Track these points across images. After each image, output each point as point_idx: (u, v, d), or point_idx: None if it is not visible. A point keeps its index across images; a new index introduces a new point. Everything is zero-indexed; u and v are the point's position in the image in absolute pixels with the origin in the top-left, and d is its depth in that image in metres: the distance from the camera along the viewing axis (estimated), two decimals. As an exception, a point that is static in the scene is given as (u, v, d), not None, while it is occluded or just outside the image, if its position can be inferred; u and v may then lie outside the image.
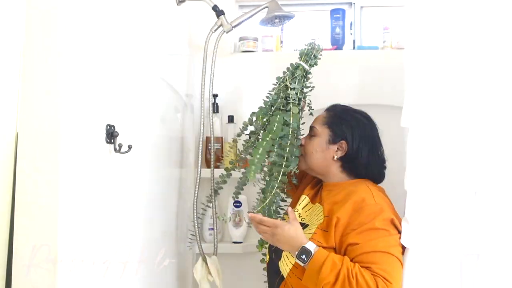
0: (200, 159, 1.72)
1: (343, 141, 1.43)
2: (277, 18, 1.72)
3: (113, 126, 1.12)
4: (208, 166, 1.88)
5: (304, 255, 1.24)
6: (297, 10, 2.04)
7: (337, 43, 2.00)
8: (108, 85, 1.13)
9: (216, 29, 1.73)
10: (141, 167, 1.34)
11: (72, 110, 0.95)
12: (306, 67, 1.52)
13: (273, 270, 1.45)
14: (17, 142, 0.92)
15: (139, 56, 1.32)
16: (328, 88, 1.93)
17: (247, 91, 1.99)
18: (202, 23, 1.90)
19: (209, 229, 1.92)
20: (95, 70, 1.05)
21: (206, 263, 1.69)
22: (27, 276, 0.90)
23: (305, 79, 1.53)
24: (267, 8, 1.72)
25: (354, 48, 2.06)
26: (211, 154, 1.77)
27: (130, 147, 1.16)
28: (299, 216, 1.45)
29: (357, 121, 1.46)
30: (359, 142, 1.42)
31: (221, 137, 1.95)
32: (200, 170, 1.71)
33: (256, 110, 1.56)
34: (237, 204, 1.94)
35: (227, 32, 1.74)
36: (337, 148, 1.43)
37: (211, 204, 1.77)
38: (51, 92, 0.92)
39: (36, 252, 0.90)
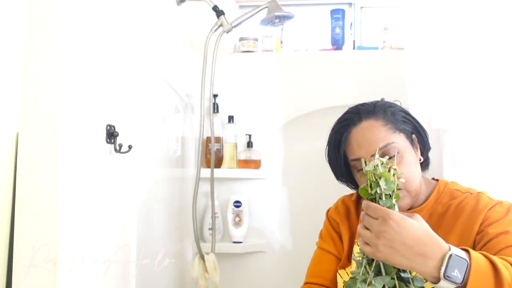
0: (200, 159, 1.73)
1: (413, 135, 1.13)
2: (277, 18, 1.72)
3: (113, 126, 1.12)
4: (208, 166, 1.88)
5: (457, 269, 0.79)
6: (297, 10, 2.04)
7: (337, 43, 2.00)
8: (108, 85, 1.13)
9: (216, 29, 1.73)
10: (141, 167, 1.34)
11: (72, 110, 0.95)
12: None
13: None
14: (17, 142, 0.92)
15: (139, 56, 1.32)
16: (328, 88, 1.93)
17: (247, 91, 1.99)
18: (202, 23, 1.90)
19: (209, 229, 1.92)
20: (95, 70, 1.05)
21: (204, 261, 1.69)
22: (27, 276, 0.90)
23: None
24: (267, 8, 1.72)
25: (354, 48, 2.06)
26: (211, 154, 1.78)
27: (130, 147, 1.16)
28: None
29: (398, 105, 1.16)
30: (420, 124, 1.15)
31: (221, 137, 1.95)
32: (200, 170, 1.71)
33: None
34: (237, 204, 1.94)
35: (227, 32, 1.74)
36: (416, 147, 1.13)
37: (211, 204, 1.77)
38: (51, 92, 0.92)
39: (36, 252, 0.90)
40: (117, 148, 1.12)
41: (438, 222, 1.08)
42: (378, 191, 0.88)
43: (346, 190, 1.31)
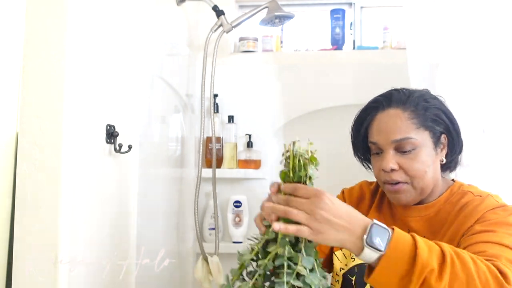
0: (200, 159, 1.73)
1: (443, 135, 1.09)
2: (277, 18, 1.72)
3: (113, 126, 1.12)
4: (209, 166, 1.88)
5: (379, 237, 0.80)
6: (297, 10, 2.04)
7: (337, 43, 2.00)
8: (108, 85, 1.13)
9: (216, 29, 1.73)
10: (141, 167, 1.34)
11: (72, 110, 0.95)
12: None
13: None
14: (17, 142, 0.92)
15: (139, 56, 1.32)
16: (327, 88, 1.93)
17: (247, 91, 1.99)
18: (202, 23, 1.90)
19: (209, 229, 1.92)
20: (95, 70, 1.05)
21: (207, 263, 1.69)
22: (27, 276, 0.90)
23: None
24: (267, 8, 1.72)
25: (354, 48, 2.06)
26: (212, 154, 1.77)
27: (130, 147, 1.16)
28: None
29: (437, 101, 1.11)
30: (455, 126, 1.11)
31: (221, 137, 1.95)
32: (201, 170, 1.71)
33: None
34: (237, 204, 1.94)
35: (227, 32, 1.74)
36: (442, 148, 1.10)
37: (212, 204, 1.77)
38: (51, 92, 0.92)
39: (36, 252, 0.90)
40: (117, 148, 1.11)
41: (442, 220, 1.07)
42: (307, 174, 0.91)
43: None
